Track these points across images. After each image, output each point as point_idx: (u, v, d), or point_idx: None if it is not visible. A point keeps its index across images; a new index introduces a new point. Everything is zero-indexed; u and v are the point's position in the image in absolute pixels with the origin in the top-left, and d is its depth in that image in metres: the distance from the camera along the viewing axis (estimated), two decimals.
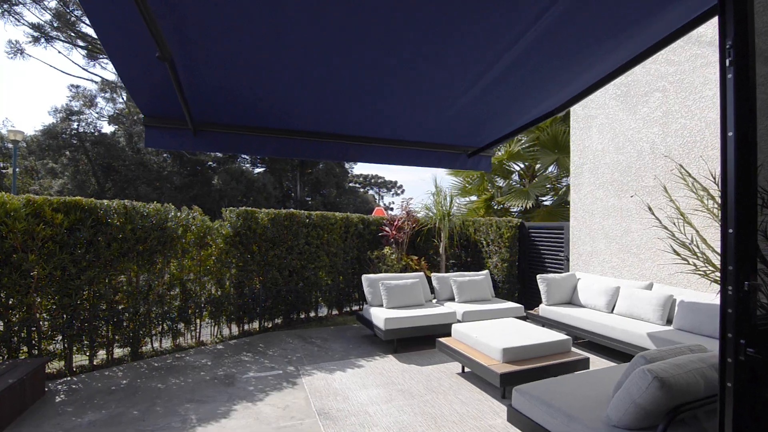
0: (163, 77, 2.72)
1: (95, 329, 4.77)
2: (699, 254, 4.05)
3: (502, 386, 3.73)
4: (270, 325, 6.57)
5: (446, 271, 8.40)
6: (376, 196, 58.07)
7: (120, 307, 4.98)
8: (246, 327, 6.32)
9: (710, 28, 5.15)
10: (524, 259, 8.09)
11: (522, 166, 11.35)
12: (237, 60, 2.69)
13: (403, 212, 8.47)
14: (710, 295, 4.75)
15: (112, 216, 4.81)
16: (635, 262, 6.04)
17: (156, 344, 5.45)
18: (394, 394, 4.04)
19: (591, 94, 3.32)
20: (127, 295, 5.01)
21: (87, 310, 4.68)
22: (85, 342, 4.73)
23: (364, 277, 6.11)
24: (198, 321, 5.76)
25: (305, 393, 4.07)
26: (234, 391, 4.11)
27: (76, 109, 26.96)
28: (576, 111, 7.24)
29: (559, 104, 3.60)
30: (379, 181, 59.92)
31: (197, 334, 5.75)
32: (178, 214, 5.47)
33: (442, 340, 4.74)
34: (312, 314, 7.24)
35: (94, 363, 4.80)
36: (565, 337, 4.34)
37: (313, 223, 6.92)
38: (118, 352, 5.14)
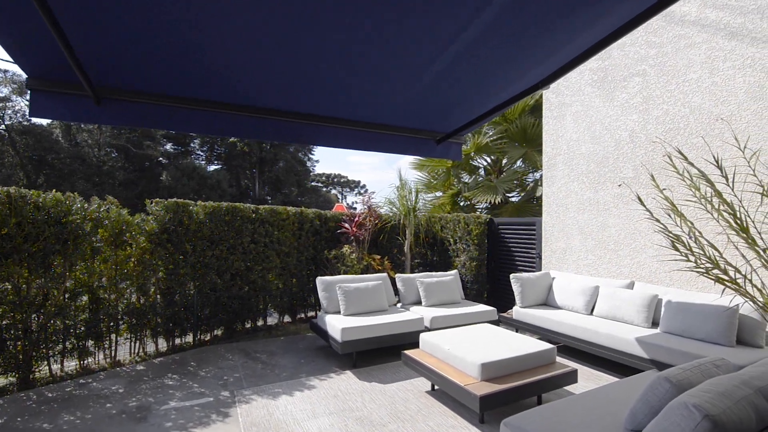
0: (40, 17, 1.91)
1: None
2: (696, 249, 3.59)
3: (481, 411, 3.07)
4: (208, 338, 5.61)
5: (412, 272, 7.75)
6: (339, 195, 57.08)
7: (3, 323, 3.92)
8: (178, 341, 5.33)
9: (694, 7, 4.79)
10: (493, 257, 7.57)
11: (489, 160, 10.92)
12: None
13: (365, 207, 7.73)
14: (698, 294, 4.35)
15: None
16: (613, 258, 5.62)
17: (56, 367, 4.39)
18: (350, 424, 3.28)
19: (567, 73, 2.96)
20: (14, 306, 3.94)
21: None
22: None
23: (318, 279, 5.31)
24: (113, 336, 4.73)
25: (239, 428, 3.23)
26: (145, 430, 3.20)
27: (2, 95, 24.22)
28: (549, 98, 6.79)
29: (532, 84, 3.20)
30: (342, 180, 58.96)
31: (112, 352, 4.72)
32: (86, 205, 4.44)
33: (409, 353, 4.04)
34: (260, 323, 6.33)
35: None
36: (550, 346, 3.76)
37: (261, 219, 6.02)
38: (1, 380, 4.05)
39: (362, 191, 59.05)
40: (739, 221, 3.37)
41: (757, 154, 3.81)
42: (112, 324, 4.68)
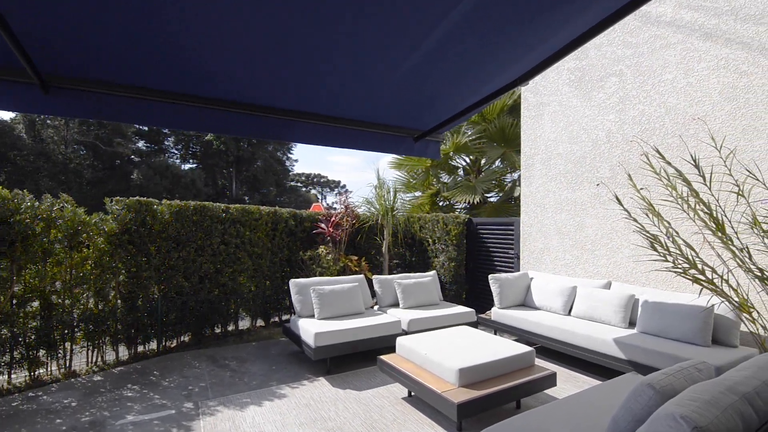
0: None
1: None
2: (674, 249, 3.56)
3: (459, 419, 2.94)
4: (173, 345, 5.31)
5: (390, 273, 7.60)
6: (319, 196, 56.57)
7: None
8: (140, 349, 5.02)
9: (670, 7, 4.81)
10: (472, 257, 7.50)
11: (468, 160, 10.89)
12: None
13: (342, 207, 7.54)
14: (674, 294, 4.35)
15: None
16: (590, 258, 5.62)
17: (2, 379, 4.04)
18: None
19: (545, 69, 2.83)
20: None
21: None
22: None
23: (292, 282, 5.09)
24: (68, 345, 4.40)
25: None
26: None
27: None
28: (527, 98, 6.76)
29: (510, 80, 3.06)
30: (321, 180, 58.43)
31: (66, 362, 4.38)
32: (37, 203, 4.11)
33: (384, 358, 3.89)
34: (231, 328, 6.05)
35: None
36: (529, 348, 3.67)
37: (232, 219, 5.76)
38: None
39: (342, 191, 58.59)
40: (715, 221, 3.36)
41: (733, 153, 3.83)
42: (66, 331, 4.34)
